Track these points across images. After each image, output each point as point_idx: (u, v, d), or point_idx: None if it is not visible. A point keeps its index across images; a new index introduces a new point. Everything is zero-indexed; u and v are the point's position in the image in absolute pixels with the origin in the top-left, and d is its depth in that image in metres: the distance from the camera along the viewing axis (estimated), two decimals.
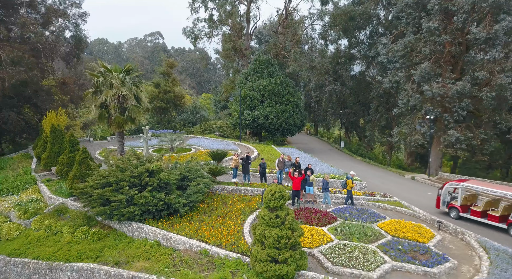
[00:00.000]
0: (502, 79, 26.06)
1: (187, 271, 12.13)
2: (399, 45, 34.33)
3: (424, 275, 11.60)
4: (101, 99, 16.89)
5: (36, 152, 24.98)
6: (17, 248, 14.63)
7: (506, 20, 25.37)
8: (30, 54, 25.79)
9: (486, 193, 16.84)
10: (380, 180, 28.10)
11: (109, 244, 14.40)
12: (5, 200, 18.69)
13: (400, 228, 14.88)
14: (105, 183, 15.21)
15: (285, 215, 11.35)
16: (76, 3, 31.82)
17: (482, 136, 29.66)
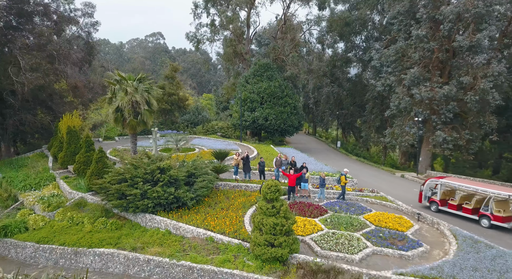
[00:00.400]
0: (485, 84, 27.84)
1: (195, 254, 13.95)
2: (391, 51, 36.13)
3: (399, 258, 13.42)
4: (117, 104, 18.71)
5: (52, 151, 26.79)
6: (44, 236, 16.44)
7: (487, 29, 27.16)
8: (46, 61, 27.67)
9: (462, 188, 18.64)
10: (371, 178, 29.90)
11: (126, 233, 16.21)
12: (29, 195, 20.53)
13: (383, 219, 16.69)
14: (121, 179, 17.03)
15: (280, 206, 13.17)
16: (88, 13, 33.67)
17: (467, 137, 31.46)
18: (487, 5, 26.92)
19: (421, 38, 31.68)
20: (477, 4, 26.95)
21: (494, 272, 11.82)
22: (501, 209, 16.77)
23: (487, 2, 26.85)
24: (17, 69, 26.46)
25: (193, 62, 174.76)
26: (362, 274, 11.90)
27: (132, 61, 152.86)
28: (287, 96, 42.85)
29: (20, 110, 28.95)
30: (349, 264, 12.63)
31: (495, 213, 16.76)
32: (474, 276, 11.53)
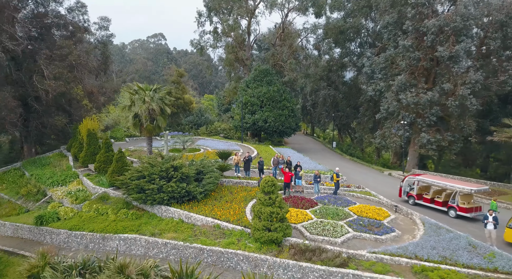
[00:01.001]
0: (463, 90, 30.41)
1: (205, 239, 16.57)
2: (381, 59, 38.67)
3: (375, 241, 16.03)
4: (136, 111, 21.29)
5: (72, 152, 29.40)
6: (75, 224, 19.06)
7: (465, 41, 29.72)
8: (67, 70, 30.22)
9: (434, 184, 21.23)
10: (361, 176, 32.49)
11: (145, 222, 18.84)
12: (57, 190, 23.14)
13: (365, 211, 19.29)
14: (140, 176, 19.63)
15: (276, 197, 15.78)
16: (104, 26, 36.20)
17: (449, 138, 34.06)
18: (464, 19, 29.48)
19: (407, 48, 34.25)
20: (455, 19, 29.52)
21: (448, 250, 14.44)
22: (465, 201, 19.38)
23: (464, 17, 29.41)
24: (40, 78, 29.08)
25: (194, 63, 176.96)
26: (341, 252, 14.52)
27: (135, 62, 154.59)
28: (285, 100, 45.41)
29: (43, 114, 31.60)
30: (332, 245, 15.25)
31: (460, 205, 19.38)
32: (431, 253, 14.16)
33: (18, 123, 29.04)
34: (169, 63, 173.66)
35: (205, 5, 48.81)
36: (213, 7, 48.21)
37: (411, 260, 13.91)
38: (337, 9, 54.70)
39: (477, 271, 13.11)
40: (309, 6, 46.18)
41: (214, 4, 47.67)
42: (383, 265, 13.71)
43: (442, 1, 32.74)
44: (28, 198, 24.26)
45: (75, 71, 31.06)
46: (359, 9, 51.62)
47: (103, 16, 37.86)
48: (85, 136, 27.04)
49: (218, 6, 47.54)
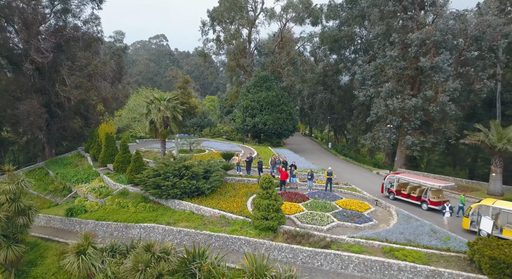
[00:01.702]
0: (443, 97, 33.28)
1: (212, 226, 19.50)
2: (371, 67, 41.53)
3: (355, 228, 18.93)
4: (152, 118, 24.19)
5: (91, 153, 32.31)
6: (101, 215, 21.99)
7: (444, 53, 32.58)
8: (86, 80, 33.11)
9: (411, 181, 24.13)
10: (351, 174, 35.40)
11: (160, 213, 21.76)
12: (82, 187, 26.04)
13: (349, 204, 22.20)
14: (156, 174, 22.57)
15: (272, 192, 18.70)
16: (119, 39, 39.02)
17: (432, 140, 36.94)
18: (443, 34, 32.33)
19: (394, 58, 37.13)
20: (435, 33, 32.37)
21: (413, 235, 17.36)
22: (435, 196, 22.30)
23: (443, 32, 32.26)
24: (63, 86, 31.90)
25: (196, 65, 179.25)
26: (326, 237, 17.45)
27: (137, 63, 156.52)
28: (283, 104, 48.31)
29: (64, 119, 34.46)
30: (318, 232, 18.17)
31: (431, 199, 22.29)
32: (399, 237, 17.09)
33: (44, 127, 32.01)
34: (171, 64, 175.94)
35: (209, 16, 51.71)
36: (216, 17, 51.09)
37: (382, 242, 16.84)
38: (332, 18, 57.63)
39: (434, 250, 16.05)
40: (306, 17, 49.08)
41: (217, 14, 50.55)
42: (359, 247, 16.64)
43: (425, 17, 35.45)
44: (55, 193, 27.15)
45: (93, 80, 34.01)
46: (353, 18, 54.55)
47: (118, 30, 41.09)
48: (103, 139, 29.96)
49: (220, 16, 50.43)
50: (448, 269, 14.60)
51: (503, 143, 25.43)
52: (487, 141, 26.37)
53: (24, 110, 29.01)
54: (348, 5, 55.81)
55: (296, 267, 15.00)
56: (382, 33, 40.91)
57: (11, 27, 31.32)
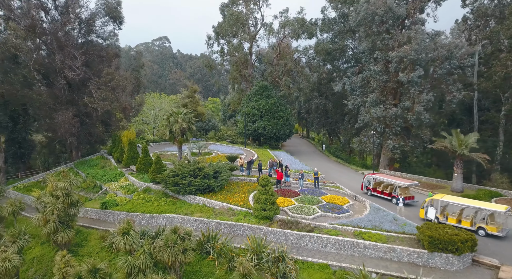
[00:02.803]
0: (418, 108, 37.79)
1: (221, 216, 24.04)
2: (358, 79, 45.99)
3: (335, 218, 23.44)
4: (171, 129, 28.76)
5: (115, 156, 36.88)
6: (130, 208, 26.55)
7: (418, 70, 37.09)
8: (110, 93, 37.66)
9: (384, 180, 28.66)
10: (339, 174, 39.91)
11: (179, 206, 26.29)
12: (111, 184, 30.60)
13: (332, 199, 26.73)
14: (175, 174, 27.13)
15: (269, 189, 23.27)
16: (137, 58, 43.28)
17: (411, 144, 41.46)
18: (418, 53, 36.83)
19: (377, 72, 41.62)
20: (411, 52, 36.87)
21: (379, 222, 21.88)
22: (403, 192, 26.84)
23: (417, 51, 36.74)
24: (90, 99, 36.47)
25: (199, 68, 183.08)
26: (311, 224, 22.00)
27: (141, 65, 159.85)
28: (281, 111, 52.86)
29: (90, 126, 38.98)
30: (305, 220, 22.72)
31: (405, 195, 26.81)
32: (367, 224, 21.62)
33: (76, 134, 36.52)
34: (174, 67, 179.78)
35: (214, 31, 56.25)
36: (220, 32, 55.62)
37: (354, 228, 21.37)
38: (326, 31, 62.13)
39: (392, 233, 20.58)
40: (301, 33, 53.58)
41: (222, 29, 55.07)
42: (336, 231, 21.18)
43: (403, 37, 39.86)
44: (88, 190, 31.64)
45: (115, 93, 38.47)
46: (345, 32, 59.02)
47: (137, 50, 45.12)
48: (126, 144, 34.48)
49: (224, 31, 54.96)
50: (401, 246, 19.18)
51: (462, 149, 29.97)
52: (450, 146, 30.91)
53: (61, 120, 33.59)
54: (341, 20, 60.28)
55: (287, 246, 19.58)
56: (368, 49, 45.39)
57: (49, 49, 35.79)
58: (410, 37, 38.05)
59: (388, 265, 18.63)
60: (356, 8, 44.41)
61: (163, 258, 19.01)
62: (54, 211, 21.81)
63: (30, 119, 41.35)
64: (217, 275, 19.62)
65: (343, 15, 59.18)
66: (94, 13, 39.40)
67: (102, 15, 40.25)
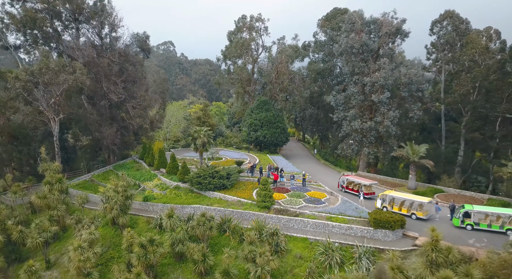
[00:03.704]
0: (387, 122, 45.95)
1: (233, 206, 32.32)
2: (341, 96, 54.07)
3: (314, 207, 31.62)
4: (195, 142, 37.08)
5: (147, 160, 45.12)
6: (165, 201, 34.81)
7: (386, 93, 45.28)
8: (143, 110, 45.82)
9: (353, 180, 36.85)
10: (324, 175, 48.02)
11: (201, 199, 34.52)
12: (148, 183, 38.86)
13: (314, 194, 34.96)
14: (198, 176, 35.40)
15: (267, 187, 31.56)
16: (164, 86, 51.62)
17: (383, 151, 49.62)
18: (386, 79, 45.01)
19: (355, 93, 49.81)
20: (380, 79, 45.04)
21: (344, 210, 30.10)
22: (367, 189, 35.07)
23: (386, 78, 44.90)
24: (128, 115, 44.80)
25: (203, 74, 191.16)
26: (296, 211, 30.27)
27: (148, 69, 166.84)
28: (278, 121, 61.02)
29: (127, 136, 47.24)
30: (293, 209, 30.95)
31: (365, 191, 35.04)
32: (336, 211, 29.84)
33: (117, 143, 44.78)
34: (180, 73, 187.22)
35: (222, 54, 64.52)
36: (227, 55, 63.87)
37: (326, 214, 29.57)
38: (317, 53, 70.41)
39: (352, 217, 28.76)
40: (295, 58, 61.80)
41: (228, 53, 63.30)
42: (314, 216, 29.41)
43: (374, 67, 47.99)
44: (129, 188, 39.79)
45: (146, 110, 46.56)
46: (332, 54, 67.20)
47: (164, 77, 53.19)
48: (157, 151, 42.77)
49: (231, 54, 63.21)
50: (357, 226, 27.39)
51: (414, 156, 38.19)
52: (406, 154, 39.13)
53: (108, 133, 41.84)
54: (329, 43, 68.48)
55: (279, 226, 27.88)
56: (349, 72, 53.54)
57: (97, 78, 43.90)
58: (380, 67, 46.25)
59: (347, 238, 26.87)
60: (339, 41, 52.60)
61: (196, 233, 27.34)
62: (117, 202, 30.09)
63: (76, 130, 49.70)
64: (232, 245, 27.87)
65: (331, 39, 67.38)
66: (128, 46, 47.59)
67: (135, 47, 48.43)
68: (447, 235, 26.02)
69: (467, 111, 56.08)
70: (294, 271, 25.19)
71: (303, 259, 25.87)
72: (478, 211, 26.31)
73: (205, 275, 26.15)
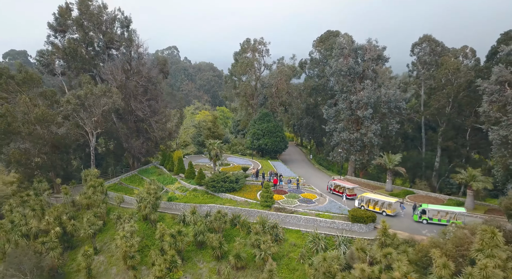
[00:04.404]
0: (370, 134, 52.76)
1: (241, 205, 39.17)
2: (332, 110, 60.88)
3: (306, 206, 38.44)
4: (209, 153, 44.02)
5: (167, 167, 52.03)
6: (186, 200, 41.64)
7: (369, 110, 52.08)
8: (164, 125, 52.60)
9: (339, 184, 43.66)
10: (317, 178, 54.75)
11: (215, 199, 41.35)
12: (170, 186, 45.74)
13: (307, 195, 41.76)
14: (213, 180, 42.28)
15: (269, 189, 38.44)
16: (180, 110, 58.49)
17: (367, 158, 56.39)
18: (369, 98, 51.83)
19: (344, 108, 56.65)
20: (364, 98, 51.87)
21: (330, 208, 36.90)
22: (349, 191, 41.90)
23: (369, 97, 51.70)
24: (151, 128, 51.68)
25: (208, 80, 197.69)
26: (292, 209, 37.14)
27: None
28: (277, 131, 67.85)
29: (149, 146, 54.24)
30: (289, 207, 37.80)
31: (347, 193, 41.84)
32: (323, 209, 36.66)
33: (143, 152, 51.75)
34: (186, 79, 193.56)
35: (229, 72, 71.50)
36: (233, 72, 70.84)
37: (315, 211, 36.37)
38: (312, 69, 77.37)
39: (336, 214, 35.55)
40: (292, 76, 68.76)
41: (234, 71, 70.27)
42: (305, 213, 36.22)
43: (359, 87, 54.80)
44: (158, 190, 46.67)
45: (166, 124, 53.44)
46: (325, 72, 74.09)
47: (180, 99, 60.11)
48: (176, 159, 49.67)
49: (237, 72, 70.16)
50: (339, 220, 34.21)
51: (390, 164, 44.99)
52: (383, 162, 45.93)
53: (136, 145, 48.73)
54: (324, 61, 75.43)
55: (278, 221, 34.74)
56: (339, 90, 60.40)
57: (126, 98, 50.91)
58: (364, 87, 53.13)
59: (331, 230, 33.65)
60: (331, 61, 59.50)
61: (213, 226, 34.20)
62: (150, 202, 36.98)
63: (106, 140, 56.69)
64: (241, 235, 34.65)
65: (325, 57, 74.32)
66: (150, 69, 54.53)
67: (155, 69, 55.32)
68: (408, 227, 33.00)
69: (443, 123, 63.05)
70: (290, 255, 32.00)
71: (297, 246, 32.65)
72: (431, 209, 33.14)
73: (221, 259, 33.02)
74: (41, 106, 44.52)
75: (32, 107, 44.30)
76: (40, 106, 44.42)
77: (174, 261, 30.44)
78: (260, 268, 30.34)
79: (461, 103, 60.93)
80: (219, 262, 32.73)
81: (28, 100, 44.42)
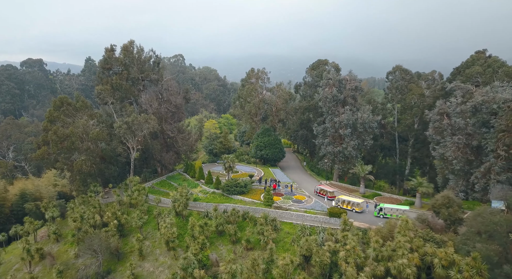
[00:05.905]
0: (349, 148, 63.49)
1: (249, 204, 49.99)
2: (320, 128, 71.57)
3: (297, 205, 49.22)
4: (225, 165, 54.74)
5: (190, 174, 62.80)
6: (207, 201, 52.38)
7: (348, 129, 62.86)
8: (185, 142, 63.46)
9: (323, 188, 54.40)
10: (308, 183, 65.38)
11: (229, 200, 52.02)
12: (194, 189, 56.51)
13: (298, 197, 52.50)
14: (227, 185, 53.10)
15: (270, 192, 49.29)
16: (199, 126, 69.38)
17: (348, 167, 67.06)
18: (349, 120, 62.59)
19: (329, 127, 67.46)
20: (345, 120, 62.65)
21: (315, 207, 47.67)
22: (330, 194, 52.68)
23: (349, 119, 62.46)
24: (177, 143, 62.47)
25: (213, 89, 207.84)
26: (287, 207, 47.96)
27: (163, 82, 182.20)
28: (276, 143, 78.69)
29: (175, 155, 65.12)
30: (285, 206, 48.59)
31: (328, 195, 52.59)
32: (309, 207, 47.46)
33: (172, 162, 62.64)
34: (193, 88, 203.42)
35: (236, 95, 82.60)
36: (240, 95, 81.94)
37: (304, 209, 47.18)
38: (306, 92, 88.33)
39: (319, 211, 46.32)
40: (288, 100, 79.86)
41: (241, 93, 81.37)
42: (297, 210, 46.95)
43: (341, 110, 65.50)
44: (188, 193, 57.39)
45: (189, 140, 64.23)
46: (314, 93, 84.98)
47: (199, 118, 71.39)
48: (197, 167, 60.50)
49: (243, 95, 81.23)
50: (320, 216, 44.96)
51: (362, 173, 55.73)
52: (357, 171, 56.66)
53: (168, 157, 59.71)
54: (315, 84, 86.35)
55: (277, 216, 45.56)
56: (326, 111, 71.24)
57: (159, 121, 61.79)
58: (344, 111, 64.01)
59: (314, 222, 44.28)
60: (318, 91, 70.46)
61: (229, 219, 45.03)
62: (182, 201, 47.85)
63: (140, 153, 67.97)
64: (250, 226, 45.37)
65: (316, 81, 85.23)
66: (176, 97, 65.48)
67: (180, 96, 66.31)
68: (370, 220, 43.74)
69: (411, 137, 73.92)
70: (285, 240, 42.72)
71: (290, 233, 43.31)
72: (387, 207, 43.87)
73: (236, 243, 43.78)
74: (95, 128, 55.59)
75: (88, 128, 55.40)
76: (95, 128, 55.50)
77: (204, 244, 41.18)
78: (263, 249, 41.07)
79: (425, 121, 71.81)
80: (234, 245, 43.46)
81: (85, 122, 55.49)
